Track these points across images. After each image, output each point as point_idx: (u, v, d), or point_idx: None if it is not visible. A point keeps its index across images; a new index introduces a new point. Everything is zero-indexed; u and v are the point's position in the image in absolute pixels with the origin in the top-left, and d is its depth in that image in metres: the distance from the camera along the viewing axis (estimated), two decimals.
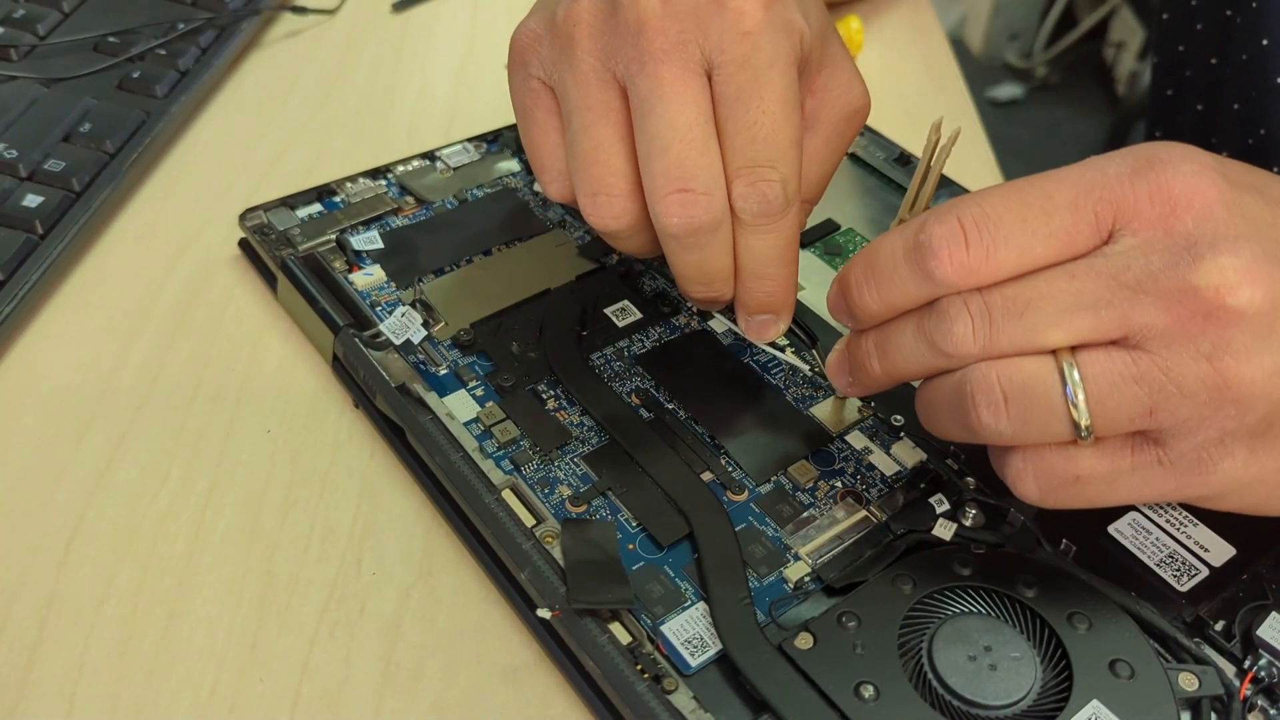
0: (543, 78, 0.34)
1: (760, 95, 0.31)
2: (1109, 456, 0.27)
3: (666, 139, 0.31)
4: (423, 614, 0.32)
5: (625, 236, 0.34)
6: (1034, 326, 0.26)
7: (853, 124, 0.36)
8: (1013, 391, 0.26)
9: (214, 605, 0.32)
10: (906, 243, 0.27)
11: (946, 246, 0.26)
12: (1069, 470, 0.27)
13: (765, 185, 0.31)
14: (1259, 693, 0.29)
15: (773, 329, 0.35)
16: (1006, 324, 0.26)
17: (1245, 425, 0.26)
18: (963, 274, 0.26)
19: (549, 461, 0.34)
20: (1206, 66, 0.56)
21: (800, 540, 0.32)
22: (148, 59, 0.51)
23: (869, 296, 0.29)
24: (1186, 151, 0.26)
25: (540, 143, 0.35)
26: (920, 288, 0.27)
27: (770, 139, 0.31)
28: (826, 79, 0.35)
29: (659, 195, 0.31)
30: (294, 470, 0.36)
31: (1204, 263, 0.25)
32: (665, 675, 0.29)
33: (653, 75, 0.31)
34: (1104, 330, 0.26)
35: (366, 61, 0.57)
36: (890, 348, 0.29)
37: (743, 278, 0.34)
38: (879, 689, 0.28)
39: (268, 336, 0.41)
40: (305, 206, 0.44)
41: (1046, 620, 0.30)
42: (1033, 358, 0.26)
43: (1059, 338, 0.26)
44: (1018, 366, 0.26)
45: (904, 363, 0.29)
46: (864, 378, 0.31)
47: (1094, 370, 0.26)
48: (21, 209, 0.42)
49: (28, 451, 0.36)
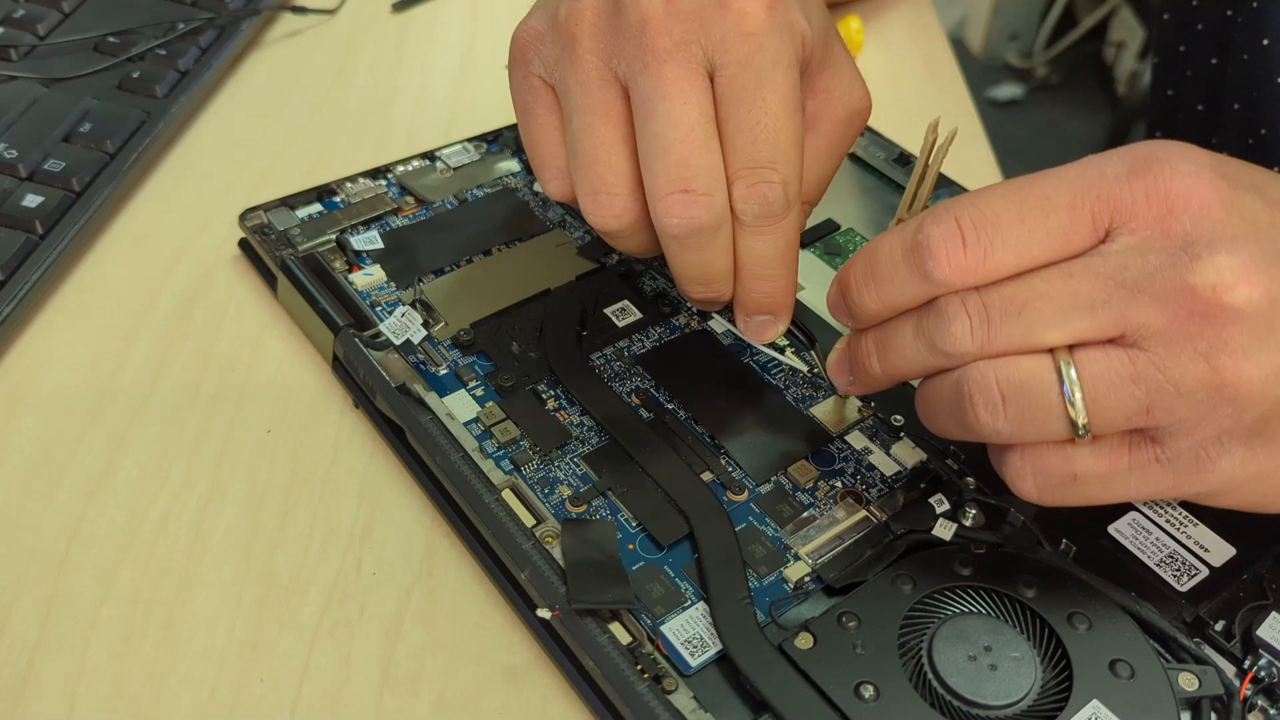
0: (544, 76, 0.34)
1: (763, 96, 0.31)
2: (1106, 455, 0.27)
3: (668, 139, 0.31)
4: (423, 614, 0.32)
5: (625, 236, 0.34)
6: (1031, 326, 0.26)
7: (854, 125, 0.36)
8: (1010, 391, 0.26)
9: (214, 605, 0.32)
10: (904, 243, 0.28)
11: (944, 247, 0.26)
12: (1067, 469, 0.27)
13: (766, 187, 0.31)
14: (1259, 693, 0.29)
15: (771, 330, 0.35)
16: (1004, 324, 0.26)
17: (1242, 424, 0.26)
18: (960, 274, 0.27)
19: (549, 461, 0.34)
20: (1207, 66, 0.56)
21: (800, 540, 0.32)
22: (148, 59, 0.51)
23: (868, 297, 0.29)
24: (1184, 150, 0.26)
25: (541, 141, 0.35)
26: (918, 288, 0.28)
27: (772, 140, 0.31)
28: (828, 80, 0.35)
29: (660, 195, 0.31)
30: (294, 470, 0.36)
31: (1201, 262, 0.25)
32: (665, 675, 0.29)
33: (655, 75, 0.31)
34: (1101, 330, 0.26)
35: (366, 61, 0.57)
36: (890, 347, 0.29)
37: (742, 279, 0.34)
38: (879, 689, 0.28)
39: (268, 336, 0.41)
40: (305, 206, 0.44)
41: (1046, 620, 0.30)
42: (1030, 357, 0.26)
43: (1056, 337, 0.26)
44: (1015, 366, 0.27)
45: (903, 362, 0.29)
46: (864, 377, 0.31)
47: (1091, 369, 0.26)
48: (21, 209, 0.42)
49: (28, 451, 0.36)
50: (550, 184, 0.35)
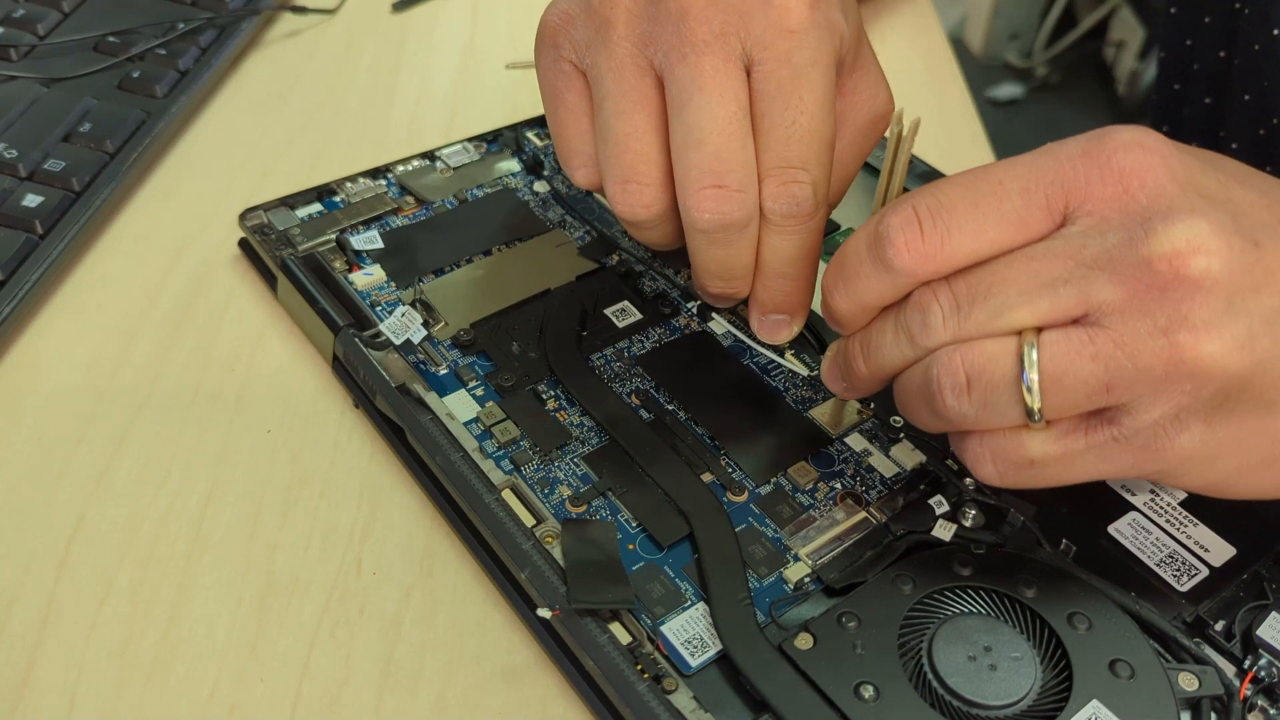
0: (574, 60, 0.33)
1: (800, 95, 0.31)
2: (1062, 439, 0.27)
3: (704, 131, 0.30)
4: (423, 614, 0.32)
5: (651, 227, 0.33)
6: (998, 309, 0.26)
7: (877, 128, 0.35)
8: (974, 373, 0.27)
9: (214, 605, 0.32)
10: (867, 237, 0.28)
11: (902, 234, 0.27)
12: (1022, 453, 0.27)
13: (797, 187, 0.31)
14: (1259, 693, 0.29)
15: (785, 330, 0.35)
16: (973, 309, 0.26)
17: (1201, 400, 0.25)
18: (919, 260, 0.27)
19: (549, 461, 0.34)
20: (1214, 60, 0.56)
21: (800, 541, 0.32)
22: (148, 59, 0.51)
23: (839, 296, 0.29)
24: (1137, 132, 0.26)
25: (569, 127, 0.34)
26: (883, 280, 0.28)
27: (806, 140, 0.31)
28: (857, 82, 0.34)
29: (692, 189, 0.31)
30: (294, 470, 0.36)
31: (1157, 236, 0.25)
32: (665, 675, 0.29)
33: (694, 65, 0.30)
34: (1065, 309, 0.26)
35: (366, 61, 0.57)
36: (873, 347, 0.29)
37: (762, 276, 0.33)
38: (879, 689, 0.28)
39: (268, 336, 0.41)
40: (305, 206, 0.44)
41: (1046, 620, 0.30)
42: (995, 340, 0.26)
43: (1023, 318, 0.26)
44: (980, 349, 0.27)
45: (888, 360, 0.29)
46: (855, 380, 0.31)
47: (1051, 350, 0.26)
48: (21, 209, 0.42)
49: (28, 451, 0.37)
50: (577, 172, 0.34)
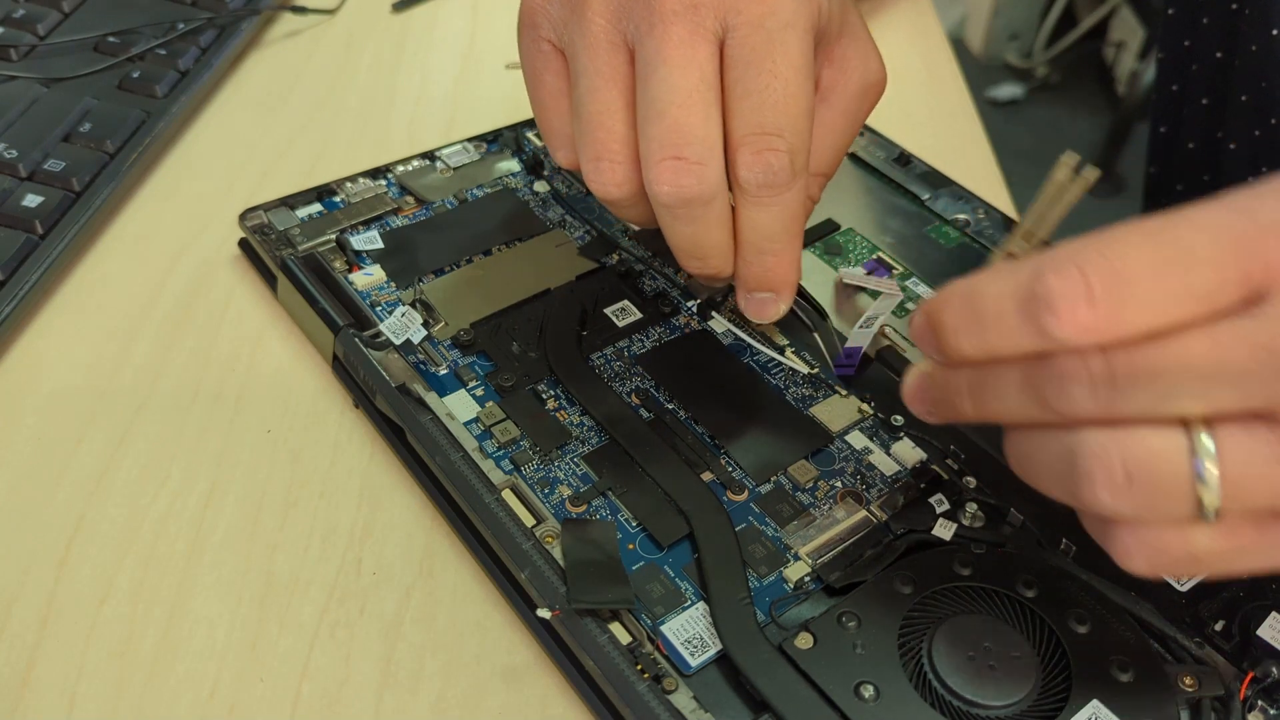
0: (553, 40, 0.33)
1: (772, 59, 0.30)
2: (1231, 535, 0.24)
3: (664, 102, 0.30)
4: (423, 614, 0.32)
5: (627, 205, 0.33)
6: (1164, 396, 0.22)
7: (869, 97, 0.35)
8: (1138, 471, 0.23)
9: (214, 605, 0.32)
10: (1018, 291, 0.23)
11: (1067, 303, 0.22)
12: (1186, 550, 0.24)
13: (771, 155, 0.30)
14: (1259, 693, 0.29)
15: (772, 308, 0.34)
16: (1133, 391, 0.23)
17: None
18: (1084, 334, 0.23)
19: (549, 461, 0.34)
20: (1213, 61, 0.56)
21: (800, 540, 0.32)
22: (148, 59, 0.51)
23: (967, 342, 0.25)
24: None
25: (549, 108, 0.34)
26: (1030, 340, 0.24)
27: (780, 105, 0.30)
28: (844, 49, 0.34)
29: (651, 161, 0.30)
30: (294, 470, 0.36)
31: None
32: (665, 675, 0.29)
33: (660, 36, 0.30)
34: (1246, 404, 0.22)
35: (366, 61, 0.57)
36: (988, 394, 0.26)
37: (743, 252, 0.32)
38: (879, 689, 0.28)
39: (268, 336, 0.41)
40: (305, 206, 0.44)
41: (1046, 620, 0.30)
42: (1159, 431, 0.23)
43: (1194, 408, 0.22)
44: (1143, 442, 0.23)
45: (1003, 410, 0.26)
46: (949, 413, 0.27)
47: (1235, 449, 0.22)
48: (21, 209, 0.42)
49: (28, 451, 0.37)
50: (558, 152, 0.34)
